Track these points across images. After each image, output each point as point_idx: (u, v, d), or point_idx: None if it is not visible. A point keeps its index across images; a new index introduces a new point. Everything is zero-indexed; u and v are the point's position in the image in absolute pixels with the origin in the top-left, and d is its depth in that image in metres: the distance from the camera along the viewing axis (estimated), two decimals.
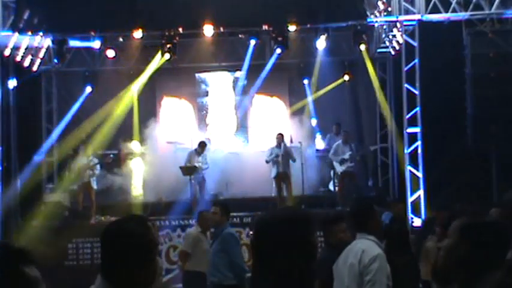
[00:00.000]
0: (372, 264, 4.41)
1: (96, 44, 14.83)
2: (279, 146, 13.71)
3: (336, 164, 13.86)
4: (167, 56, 14.70)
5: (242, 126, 16.76)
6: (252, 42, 15.09)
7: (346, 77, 16.03)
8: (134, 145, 15.63)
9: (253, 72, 16.10)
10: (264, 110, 16.75)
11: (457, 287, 2.51)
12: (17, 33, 13.87)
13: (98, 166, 14.08)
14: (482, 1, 13.36)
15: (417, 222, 12.81)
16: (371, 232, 4.66)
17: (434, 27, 13.65)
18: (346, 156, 13.64)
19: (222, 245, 7.33)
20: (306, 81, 16.22)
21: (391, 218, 9.35)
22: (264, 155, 14.12)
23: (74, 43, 14.89)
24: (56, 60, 15.04)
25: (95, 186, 13.96)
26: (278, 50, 14.67)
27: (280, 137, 13.81)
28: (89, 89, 15.86)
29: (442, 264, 2.71)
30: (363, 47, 14.43)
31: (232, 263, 7.19)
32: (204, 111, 16.86)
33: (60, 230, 12.86)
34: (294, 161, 13.82)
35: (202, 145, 14.11)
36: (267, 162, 13.85)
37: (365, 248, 4.50)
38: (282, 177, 13.72)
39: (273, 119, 16.42)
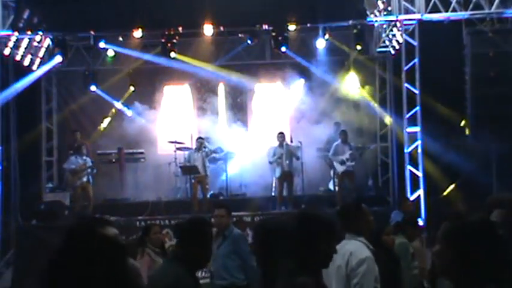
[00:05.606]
0: (360, 267, 4.36)
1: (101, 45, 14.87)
2: (281, 145, 13.68)
3: (336, 164, 13.81)
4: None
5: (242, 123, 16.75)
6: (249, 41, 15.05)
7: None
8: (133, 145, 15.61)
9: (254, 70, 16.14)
10: (264, 110, 16.73)
11: None
12: (16, 33, 13.86)
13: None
14: (482, 0, 13.36)
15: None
16: (359, 233, 4.59)
17: (434, 26, 13.65)
18: (346, 156, 13.58)
19: (233, 246, 7.13)
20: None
21: (403, 216, 9.33)
22: (265, 154, 14.05)
23: None
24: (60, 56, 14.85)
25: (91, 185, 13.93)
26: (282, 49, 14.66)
27: (282, 136, 13.78)
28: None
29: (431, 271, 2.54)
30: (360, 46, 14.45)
31: (245, 265, 7.02)
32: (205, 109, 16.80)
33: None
34: (298, 158, 13.78)
35: (200, 141, 13.95)
36: (271, 163, 13.80)
37: (353, 250, 4.44)
38: (286, 177, 13.67)
39: (274, 118, 16.39)
